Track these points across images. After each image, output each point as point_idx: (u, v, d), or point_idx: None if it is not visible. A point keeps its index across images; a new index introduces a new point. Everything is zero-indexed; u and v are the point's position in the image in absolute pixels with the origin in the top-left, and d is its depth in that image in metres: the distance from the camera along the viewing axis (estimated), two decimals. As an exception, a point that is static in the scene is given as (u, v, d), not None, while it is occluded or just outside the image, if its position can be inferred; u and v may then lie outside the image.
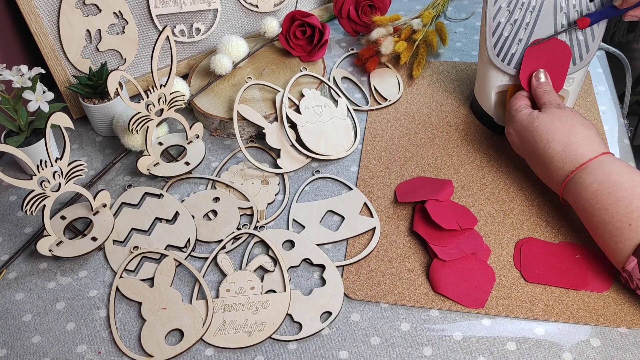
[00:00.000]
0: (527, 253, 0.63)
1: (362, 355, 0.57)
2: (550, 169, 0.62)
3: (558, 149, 0.61)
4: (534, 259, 0.62)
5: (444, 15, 1.02)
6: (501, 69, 0.71)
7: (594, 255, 0.61)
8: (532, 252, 0.63)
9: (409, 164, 0.75)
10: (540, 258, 0.62)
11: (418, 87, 0.87)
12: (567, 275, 0.60)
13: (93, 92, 0.80)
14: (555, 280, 0.60)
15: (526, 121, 0.65)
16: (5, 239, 0.72)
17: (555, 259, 0.62)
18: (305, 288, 0.63)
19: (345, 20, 0.95)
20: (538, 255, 0.62)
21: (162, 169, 0.76)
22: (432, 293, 0.61)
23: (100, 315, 0.63)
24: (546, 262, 0.62)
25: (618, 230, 0.55)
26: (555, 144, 0.61)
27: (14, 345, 0.61)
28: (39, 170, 0.62)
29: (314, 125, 0.78)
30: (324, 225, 0.69)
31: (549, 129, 0.62)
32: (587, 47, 0.68)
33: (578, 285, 0.59)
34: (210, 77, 0.85)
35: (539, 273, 0.61)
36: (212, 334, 0.59)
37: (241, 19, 0.93)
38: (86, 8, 0.81)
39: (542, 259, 0.62)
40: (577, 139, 0.61)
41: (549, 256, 0.62)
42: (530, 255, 0.63)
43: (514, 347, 0.56)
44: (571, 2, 0.66)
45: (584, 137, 0.61)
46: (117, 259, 0.67)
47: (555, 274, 0.61)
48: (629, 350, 0.55)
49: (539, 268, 0.61)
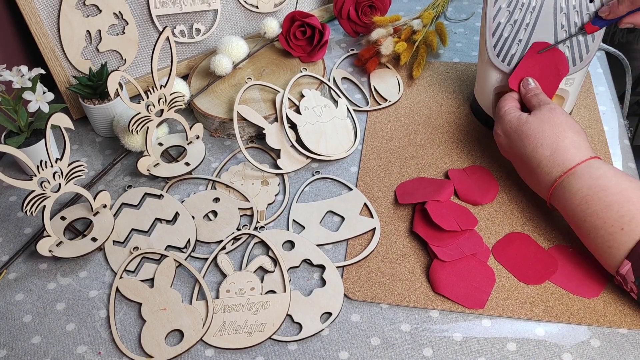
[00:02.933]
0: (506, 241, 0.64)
1: (362, 355, 0.57)
2: (537, 172, 0.62)
3: (546, 154, 0.61)
4: (508, 244, 0.64)
5: (444, 16, 1.02)
6: (501, 70, 0.71)
7: (587, 259, 0.61)
8: (511, 240, 0.64)
9: (409, 164, 0.75)
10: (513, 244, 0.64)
11: (418, 88, 0.87)
12: (527, 267, 0.61)
13: (93, 93, 0.80)
14: (512, 265, 0.62)
15: (515, 124, 0.64)
16: (5, 239, 0.72)
17: (528, 250, 0.63)
18: (305, 289, 0.63)
19: (345, 21, 0.95)
20: (513, 243, 0.64)
21: (162, 170, 0.76)
22: (432, 294, 0.61)
23: (100, 315, 0.63)
24: (517, 248, 0.63)
25: (610, 235, 0.55)
26: (543, 149, 0.61)
27: (14, 345, 0.61)
28: (39, 171, 0.62)
29: (314, 125, 0.78)
30: (324, 226, 0.69)
31: (537, 133, 0.62)
32: (587, 48, 0.68)
33: (530, 279, 0.60)
34: (210, 77, 0.85)
35: (503, 254, 0.63)
36: (212, 335, 0.59)
37: (241, 20, 0.93)
38: (86, 9, 0.81)
39: (515, 246, 0.64)
40: (566, 143, 0.60)
41: (523, 247, 0.64)
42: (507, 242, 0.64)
43: (514, 348, 0.56)
44: (571, 3, 0.66)
45: (572, 142, 0.60)
46: (117, 259, 0.67)
47: (517, 260, 0.62)
48: (629, 351, 0.55)
49: (507, 251, 0.63)
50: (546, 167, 0.61)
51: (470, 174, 0.72)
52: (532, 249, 0.63)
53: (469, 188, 0.70)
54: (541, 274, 0.61)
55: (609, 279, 0.59)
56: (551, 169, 0.60)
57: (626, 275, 0.54)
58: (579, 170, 0.58)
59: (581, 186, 0.57)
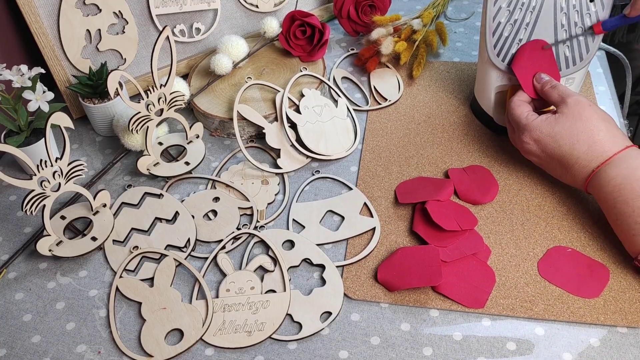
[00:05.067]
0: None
1: (362, 355, 0.57)
2: (575, 168, 0.62)
3: (583, 149, 0.61)
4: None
5: (444, 15, 1.02)
6: (501, 69, 0.71)
7: (587, 259, 0.62)
8: (555, 256, 0.63)
9: (409, 164, 0.75)
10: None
11: (418, 87, 0.87)
12: (580, 281, 0.60)
13: (93, 92, 0.80)
14: (565, 282, 0.60)
15: (546, 128, 0.63)
16: (5, 238, 0.72)
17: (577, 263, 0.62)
18: (305, 288, 0.63)
19: (345, 20, 0.95)
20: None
21: (162, 169, 0.76)
22: (432, 293, 0.61)
23: (100, 315, 0.63)
24: (564, 263, 0.62)
25: (637, 224, 0.57)
26: (580, 145, 0.61)
27: (13, 345, 0.61)
28: (39, 170, 0.62)
29: (313, 125, 0.78)
30: (324, 225, 0.69)
31: (571, 132, 0.62)
32: (587, 47, 0.68)
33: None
34: (210, 77, 0.85)
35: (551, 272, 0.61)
36: (212, 334, 0.59)
37: (241, 19, 0.93)
38: (86, 8, 0.81)
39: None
40: (601, 136, 0.61)
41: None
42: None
43: (514, 347, 0.56)
44: (571, 2, 0.66)
45: (607, 133, 0.61)
46: (117, 258, 0.67)
47: (568, 277, 0.61)
48: (629, 350, 0.55)
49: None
50: (584, 161, 0.61)
51: (470, 173, 0.72)
52: (580, 261, 0.62)
53: (469, 187, 0.70)
54: (596, 285, 0.60)
55: (611, 278, 0.60)
56: (589, 162, 0.61)
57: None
58: (616, 160, 0.60)
59: (616, 174, 0.59)
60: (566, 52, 0.68)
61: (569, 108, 0.63)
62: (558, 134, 0.63)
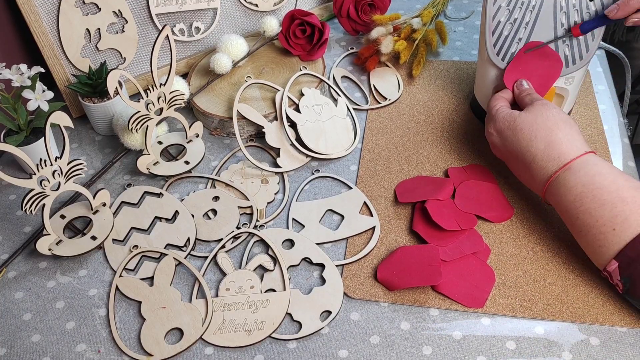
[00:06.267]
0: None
1: (362, 354, 0.57)
2: (533, 168, 0.61)
3: (540, 147, 0.60)
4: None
5: (444, 14, 1.02)
6: (501, 68, 0.71)
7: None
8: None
9: (409, 163, 0.75)
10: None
11: (418, 86, 0.87)
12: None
13: (92, 91, 0.80)
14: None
15: (508, 120, 0.64)
16: (4, 238, 0.72)
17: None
18: (305, 287, 0.63)
19: (345, 19, 0.95)
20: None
21: (162, 168, 0.76)
22: (431, 292, 0.61)
23: (99, 314, 0.63)
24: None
25: (602, 234, 0.55)
26: (537, 142, 0.61)
27: (13, 344, 0.61)
28: (39, 169, 0.62)
29: (313, 124, 0.78)
30: (323, 225, 0.69)
31: (531, 127, 0.61)
32: (587, 47, 0.68)
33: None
34: (209, 76, 0.85)
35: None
36: (211, 333, 0.59)
37: (241, 18, 0.93)
38: (86, 7, 0.81)
39: None
40: (559, 136, 0.60)
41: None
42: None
43: (514, 346, 0.56)
44: (571, 2, 0.66)
45: (566, 135, 0.60)
46: (117, 258, 0.67)
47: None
48: (629, 349, 0.55)
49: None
50: (541, 162, 0.60)
51: (469, 172, 0.72)
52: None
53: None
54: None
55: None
56: (546, 163, 0.60)
57: (612, 272, 0.55)
58: (575, 166, 0.58)
59: (576, 182, 0.57)
60: (566, 51, 0.68)
61: (534, 107, 0.63)
62: (518, 127, 0.62)
